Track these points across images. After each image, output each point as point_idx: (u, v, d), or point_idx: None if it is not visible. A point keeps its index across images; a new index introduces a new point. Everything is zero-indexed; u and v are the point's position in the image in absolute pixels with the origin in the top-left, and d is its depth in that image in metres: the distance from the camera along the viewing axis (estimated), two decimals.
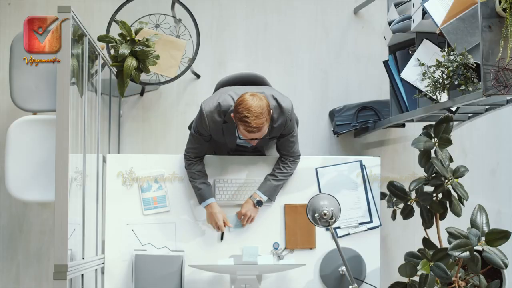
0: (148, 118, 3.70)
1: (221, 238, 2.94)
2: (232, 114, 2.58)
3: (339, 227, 2.96)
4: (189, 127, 3.20)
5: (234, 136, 2.77)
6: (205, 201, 2.86)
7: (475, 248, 2.54)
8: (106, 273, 2.91)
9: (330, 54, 3.75)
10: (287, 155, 2.89)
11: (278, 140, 2.84)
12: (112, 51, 3.12)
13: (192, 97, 3.70)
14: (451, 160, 2.78)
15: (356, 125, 3.50)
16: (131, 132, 3.69)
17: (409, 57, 2.95)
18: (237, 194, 2.96)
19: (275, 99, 2.69)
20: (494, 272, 3.00)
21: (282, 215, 2.96)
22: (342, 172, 3.00)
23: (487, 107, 2.83)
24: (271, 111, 2.62)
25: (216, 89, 2.97)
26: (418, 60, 2.86)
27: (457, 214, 2.80)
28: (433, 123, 2.76)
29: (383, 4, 3.37)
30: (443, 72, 2.62)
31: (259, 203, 2.88)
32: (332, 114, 3.61)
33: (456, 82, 2.56)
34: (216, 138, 2.77)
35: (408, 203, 2.92)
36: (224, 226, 2.88)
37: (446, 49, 2.63)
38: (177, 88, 3.71)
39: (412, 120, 3.04)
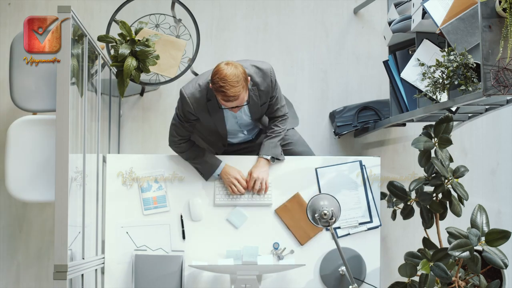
0: (148, 118, 3.70)
1: (183, 237, 2.93)
2: (210, 85, 2.59)
3: (339, 227, 2.96)
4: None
5: (221, 113, 2.75)
6: (217, 169, 2.87)
7: (475, 248, 2.54)
8: (106, 273, 2.91)
9: (330, 54, 3.75)
10: (276, 118, 2.90)
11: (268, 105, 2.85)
12: (112, 51, 3.12)
13: None
14: (451, 160, 2.78)
15: (357, 125, 3.50)
16: (131, 132, 3.69)
17: (409, 57, 2.95)
18: (237, 194, 2.96)
19: (254, 65, 2.71)
20: (494, 272, 3.00)
21: (279, 220, 2.96)
22: (342, 172, 3.00)
23: (487, 107, 2.83)
24: (250, 77, 2.66)
25: None
26: (418, 60, 2.86)
27: (457, 214, 2.80)
28: (433, 123, 2.76)
29: (383, 4, 3.37)
30: (443, 72, 2.62)
31: (272, 159, 2.88)
32: (333, 116, 3.61)
33: (456, 82, 2.56)
34: (204, 120, 2.76)
35: (408, 203, 2.92)
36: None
37: (446, 49, 2.63)
38: (177, 88, 3.70)
39: (412, 120, 3.04)
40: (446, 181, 2.77)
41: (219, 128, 2.84)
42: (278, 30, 3.77)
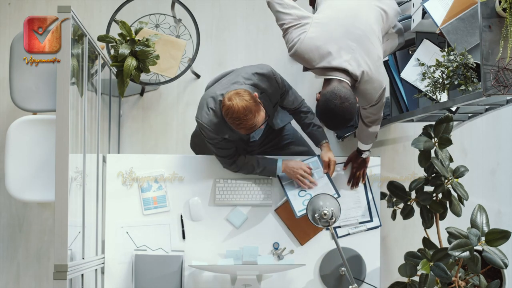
0: (148, 118, 3.70)
1: (183, 237, 2.94)
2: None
3: (339, 227, 2.96)
4: (191, 146, 3.19)
5: None
6: (277, 169, 2.87)
7: (475, 248, 2.54)
8: (106, 273, 2.92)
9: None
10: (297, 107, 2.92)
11: (281, 102, 2.85)
12: (112, 51, 3.12)
13: (192, 97, 3.70)
14: (451, 160, 2.78)
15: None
16: (131, 132, 3.69)
17: (409, 57, 2.95)
18: (237, 194, 2.96)
19: (256, 73, 2.70)
20: (494, 272, 3.00)
21: (279, 220, 2.96)
22: (342, 171, 3.00)
23: (487, 107, 2.83)
24: (256, 86, 2.65)
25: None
26: (418, 60, 2.86)
27: (457, 214, 2.80)
28: (433, 123, 2.76)
29: None
30: (443, 72, 2.62)
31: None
32: None
33: (456, 82, 2.56)
34: (229, 136, 2.76)
35: (408, 203, 2.92)
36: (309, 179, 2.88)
37: (446, 49, 2.63)
38: (177, 88, 3.71)
39: (412, 120, 3.04)
40: (446, 181, 2.77)
41: (244, 136, 2.83)
42: (278, 30, 3.75)
